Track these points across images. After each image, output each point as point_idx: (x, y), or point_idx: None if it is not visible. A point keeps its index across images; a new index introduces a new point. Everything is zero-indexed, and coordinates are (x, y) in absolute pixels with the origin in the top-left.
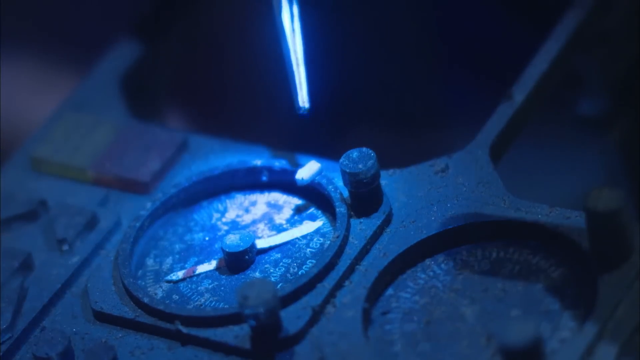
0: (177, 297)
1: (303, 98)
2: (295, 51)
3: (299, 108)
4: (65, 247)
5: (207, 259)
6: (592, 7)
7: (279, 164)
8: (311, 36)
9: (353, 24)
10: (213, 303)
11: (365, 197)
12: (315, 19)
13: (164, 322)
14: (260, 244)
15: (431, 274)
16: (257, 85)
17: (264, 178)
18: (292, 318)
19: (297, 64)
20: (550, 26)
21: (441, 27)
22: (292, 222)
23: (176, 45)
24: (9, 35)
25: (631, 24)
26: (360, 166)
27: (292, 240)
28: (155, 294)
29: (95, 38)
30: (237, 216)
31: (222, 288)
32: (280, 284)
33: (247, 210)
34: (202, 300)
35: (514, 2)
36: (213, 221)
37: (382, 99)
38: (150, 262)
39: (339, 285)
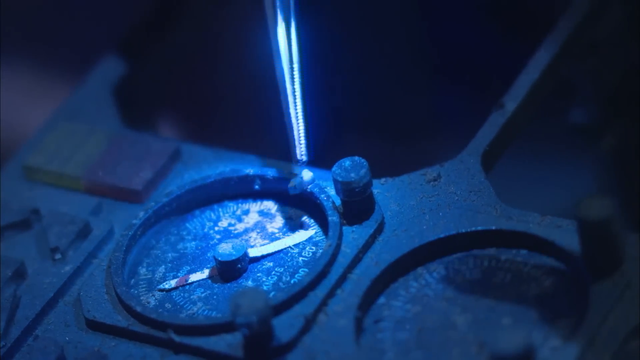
0: (170, 305)
1: (302, 152)
2: (293, 91)
3: (297, 161)
4: (58, 256)
5: (200, 268)
6: (583, 16)
7: (271, 172)
8: (303, 46)
9: (345, 33)
10: (206, 311)
11: (357, 206)
12: (307, 29)
13: (156, 331)
14: (253, 252)
15: (423, 282)
16: (249, 94)
17: (257, 187)
18: (285, 327)
19: (297, 118)
20: (541, 36)
21: (433, 37)
22: (284, 231)
23: (169, 54)
24: (1, 46)
25: (622, 34)
26: (352, 175)
27: (285, 249)
28: (148, 302)
29: (87, 47)
30: (230, 225)
31: (215, 297)
32: (273, 293)
33: (239, 219)
34: (195, 308)
35: (505, 13)
36: (206, 230)
37: (374, 107)
38: (143, 270)
39: (331, 294)
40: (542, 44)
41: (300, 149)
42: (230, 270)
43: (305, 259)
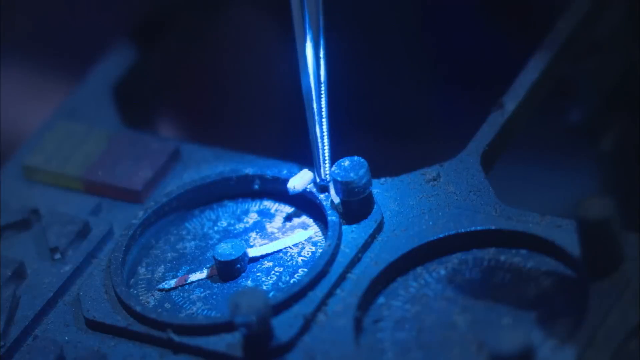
0: (169, 305)
1: (325, 171)
2: (319, 110)
3: (322, 180)
4: (57, 256)
5: (199, 268)
6: (582, 16)
7: (270, 172)
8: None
9: (347, 34)
10: (205, 311)
11: (357, 206)
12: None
13: (156, 331)
14: (252, 252)
15: (422, 282)
16: (249, 94)
17: (256, 186)
18: (284, 326)
19: (322, 137)
20: (541, 36)
21: (432, 37)
22: (283, 231)
23: (169, 54)
24: (2, 44)
25: (621, 34)
26: (352, 175)
27: (284, 248)
28: (148, 302)
29: (88, 46)
30: (229, 224)
31: (214, 296)
32: (272, 293)
33: (239, 219)
34: (194, 308)
35: (505, 13)
36: (205, 229)
37: (374, 107)
38: (142, 270)
39: (330, 294)
40: (542, 44)
41: (325, 168)
42: (229, 270)
43: (305, 259)
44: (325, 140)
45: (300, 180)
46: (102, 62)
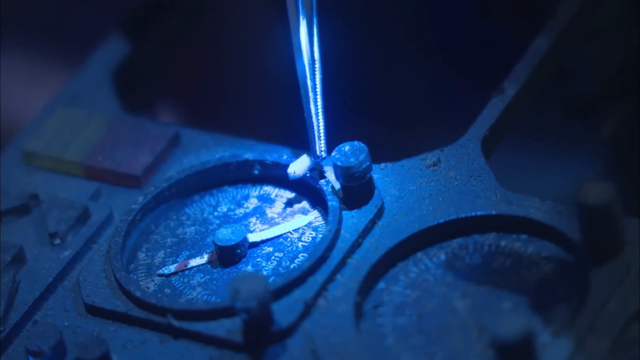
0: (169, 290)
1: (321, 147)
2: (314, 88)
3: (317, 157)
4: (57, 241)
5: (199, 253)
6: (583, 2)
7: (270, 157)
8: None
9: (347, 20)
10: (205, 296)
11: (357, 191)
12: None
13: (156, 316)
14: (252, 237)
15: (423, 267)
16: (249, 79)
17: (256, 172)
18: (284, 311)
19: (317, 114)
20: (541, 22)
21: (434, 23)
22: (284, 216)
23: (168, 39)
24: (1, 31)
25: (621, 20)
26: (352, 160)
27: (284, 234)
28: (147, 287)
29: (87, 32)
30: (229, 210)
31: (214, 282)
32: (272, 278)
33: (239, 204)
34: (194, 293)
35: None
36: (205, 215)
37: (374, 92)
38: (142, 255)
39: (330, 279)
40: (543, 29)
41: (320, 145)
42: (229, 256)
43: (305, 244)
44: (320, 117)
45: (300, 166)
46: (102, 47)
